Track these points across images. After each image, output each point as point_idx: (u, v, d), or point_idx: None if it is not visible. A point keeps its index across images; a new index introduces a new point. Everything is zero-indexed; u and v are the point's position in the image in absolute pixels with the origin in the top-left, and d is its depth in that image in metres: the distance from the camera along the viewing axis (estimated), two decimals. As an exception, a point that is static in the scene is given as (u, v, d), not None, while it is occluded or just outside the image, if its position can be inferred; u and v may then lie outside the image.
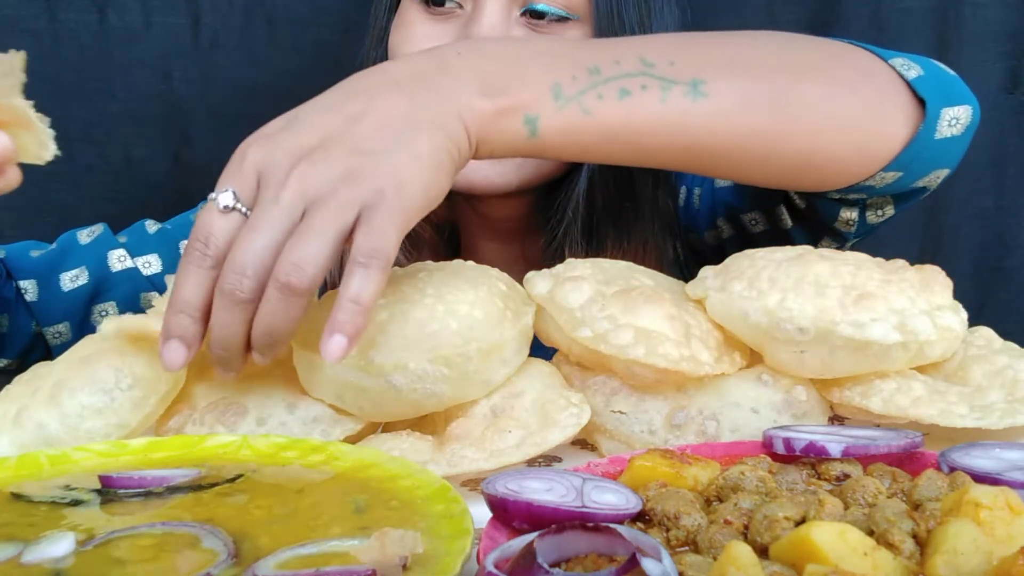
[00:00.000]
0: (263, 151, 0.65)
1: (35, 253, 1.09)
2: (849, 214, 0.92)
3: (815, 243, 0.97)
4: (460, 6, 1.02)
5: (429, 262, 0.79)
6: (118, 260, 1.10)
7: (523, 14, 1.00)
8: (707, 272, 0.76)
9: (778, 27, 1.46)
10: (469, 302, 0.69)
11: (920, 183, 0.86)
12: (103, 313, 1.09)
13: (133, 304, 1.10)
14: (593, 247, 1.06)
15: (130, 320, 0.70)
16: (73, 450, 0.65)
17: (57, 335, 1.07)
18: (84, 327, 1.07)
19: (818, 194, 0.89)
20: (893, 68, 0.82)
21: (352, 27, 1.41)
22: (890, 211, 0.92)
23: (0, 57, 0.62)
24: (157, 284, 1.11)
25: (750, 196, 1.04)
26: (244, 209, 0.64)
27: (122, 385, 0.69)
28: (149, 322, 0.69)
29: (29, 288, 1.06)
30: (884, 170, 0.82)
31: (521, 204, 1.11)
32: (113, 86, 1.40)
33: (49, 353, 1.07)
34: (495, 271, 0.76)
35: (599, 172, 1.05)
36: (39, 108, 0.65)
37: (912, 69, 0.82)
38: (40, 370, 0.74)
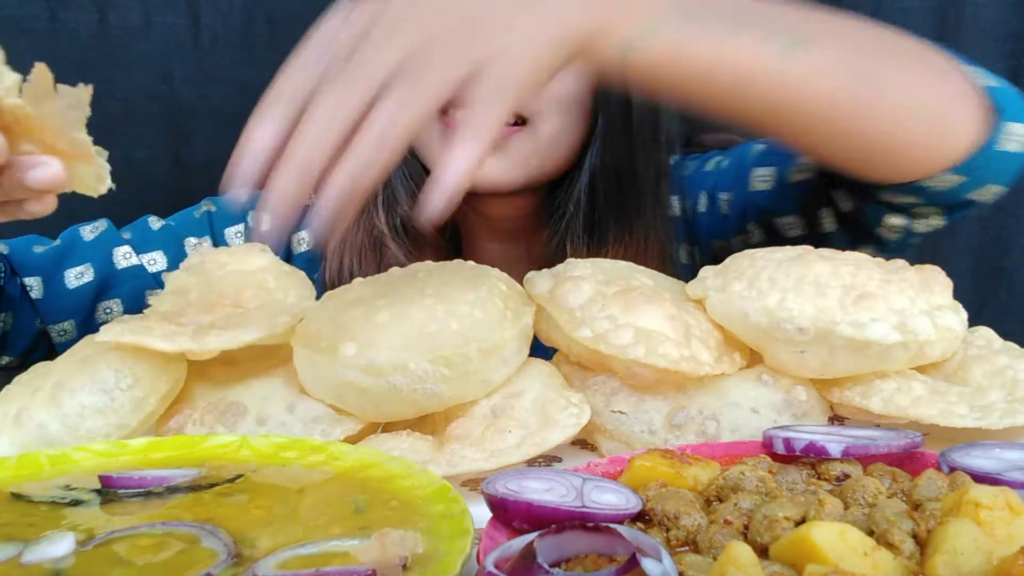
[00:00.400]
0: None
1: (38, 249, 1.08)
2: (896, 220, 0.90)
3: (853, 250, 0.96)
4: None
5: (429, 262, 0.79)
6: (123, 257, 1.09)
7: None
8: (707, 272, 0.76)
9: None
10: (469, 302, 0.69)
11: (974, 195, 0.84)
12: (108, 311, 1.08)
13: (138, 301, 1.08)
14: (595, 242, 1.05)
15: (128, 333, 0.69)
16: (73, 450, 0.65)
17: (62, 333, 1.07)
18: (89, 325, 1.06)
19: (868, 195, 0.88)
20: (968, 74, 0.82)
21: (352, 27, 1.41)
22: (937, 221, 0.91)
23: (68, 90, 0.62)
24: (162, 282, 1.10)
25: (791, 199, 1.02)
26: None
27: (122, 385, 0.69)
28: (144, 337, 0.69)
29: (34, 285, 1.04)
30: (950, 172, 0.81)
31: (523, 203, 1.11)
32: (113, 86, 1.40)
33: (53, 351, 1.06)
34: (495, 271, 0.76)
35: (601, 167, 1.04)
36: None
37: (986, 79, 0.82)
38: (40, 370, 0.74)
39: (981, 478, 0.53)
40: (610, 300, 0.72)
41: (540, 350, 0.75)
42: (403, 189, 1.08)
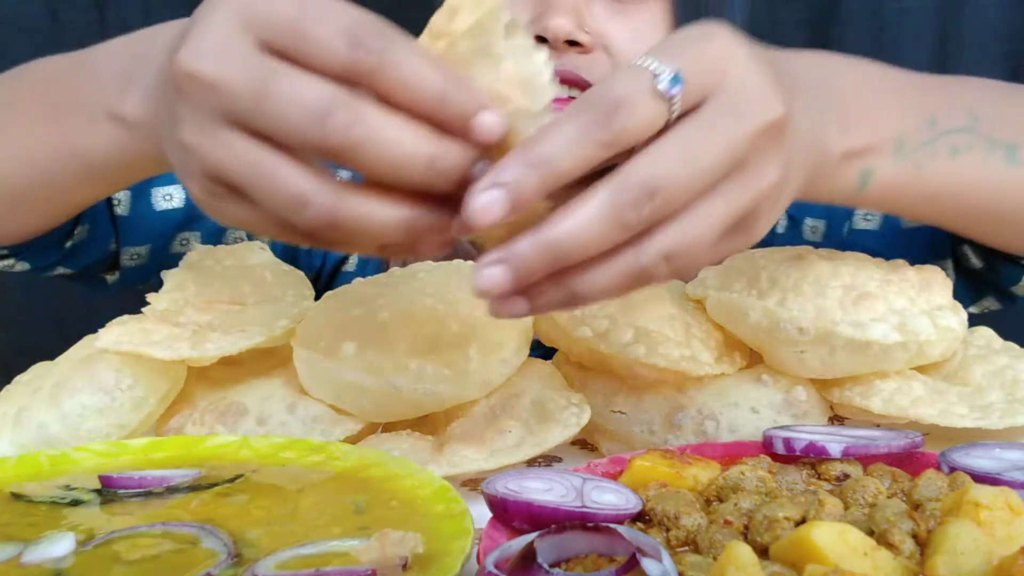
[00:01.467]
0: None
1: None
2: None
3: (975, 301, 0.94)
4: None
5: (429, 262, 0.79)
6: None
7: None
8: (707, 272, 0.76)
9: (778, 27, 1.47)
10: (469, 302, 0.69)
11: None
12: (184, 242, 0.99)
13: (218, 238, 1.00)
14: None
15: (127, 343, 0.69)
16: (73, 450, 0.65)
17: (135, 256, 0.98)
18: (164, 253, 0.99)
19: (1002, 255, 0.85)
20: None
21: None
22: None
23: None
24: None
25: (903, 245, 0.96)
26: (676, 110, 0.50)
27: (122, 385, 0.69)
28: (144, 346, 0.68)
29: (122, 199, 0.95)
30: None
31: None
32: (113, 86, 1.40)
33: (117, 267, 0.98)
34: (495, 271, 0.76)
35: None
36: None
37: None
38: (40, 370, 0.74)
39: (981, 478, 0.53)
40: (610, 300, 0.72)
41: (540, 350, 0.75)
42: None
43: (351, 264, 1.11)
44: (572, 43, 0.95)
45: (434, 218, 0.51)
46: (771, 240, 1.06)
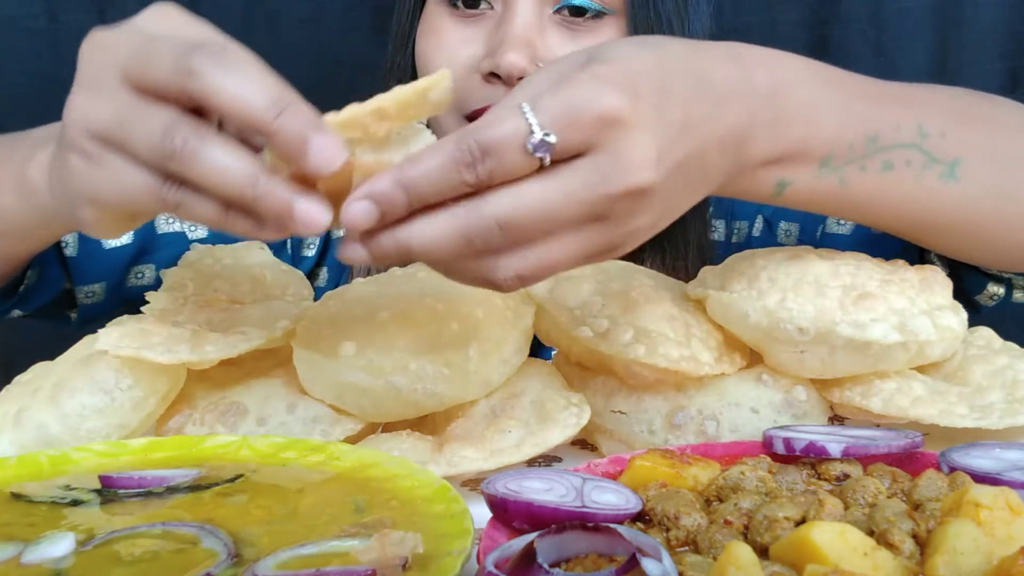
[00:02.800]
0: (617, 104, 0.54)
1: None
2: (996, 288, 0.88)
3: None
4: (491, 6, 0.98)
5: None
6: (165, 221, 1.02)
7: (557, 11, 0.96)
8: (707, 272, 0.76)
9: (778, 27, 1.47)
10: (469, 302, 0.69)
11: None
12: (139, 275, 1.02)
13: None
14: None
15: (126, 346, 0.69)
16: (73, 450, 0.65)
17: (90, 294, 0.99)
18: (119, 288, 1.00)
19: (969, 266, 0.85)
20: None
21: (352, 27, 1.41)
22: None
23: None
24: None
25: (873, 250, 0.95)
26: (547, 162, 0.53)
27: (122, 385, 0.69)
28: (143, 350, 0.68)
29: (70, 241, 0.96)
30: None
31: None
32: (113, 86, 1.40)
33: (73, 308, 1.00)
34: (495, 271, 0.76)
35: None
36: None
37: None
38: (40, 370, 0.74)
39: (981, 478, 0.53)
40: (610, 300, 0.72)
41: (540, 350, 0.75)
42: None
43: (322, 279, 1.13)
44: None
45: (277, 186, 0.54)
46: (748, 243, 1.07)
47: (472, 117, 0.98)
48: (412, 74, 1.04)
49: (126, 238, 1.00)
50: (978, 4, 1.44)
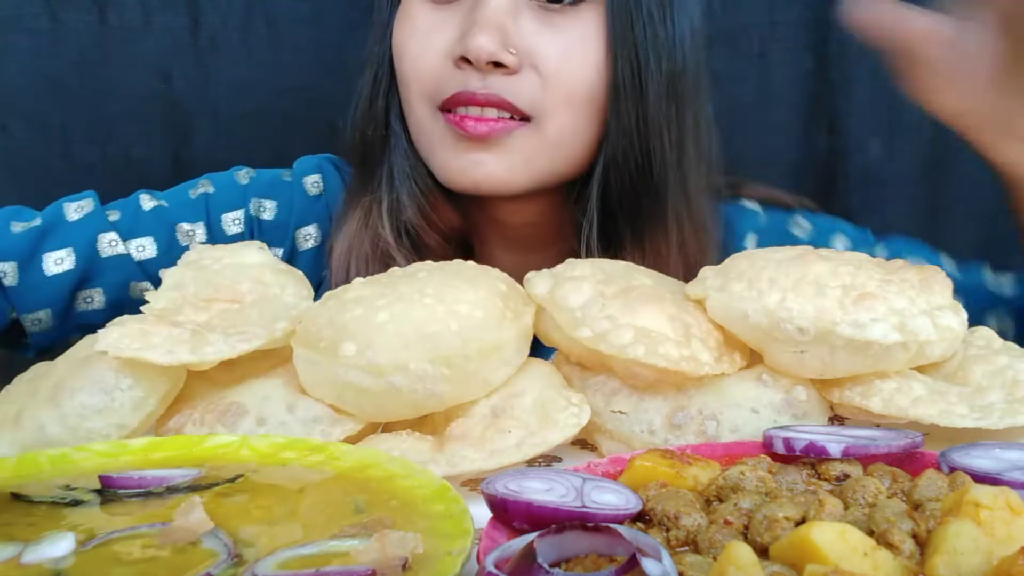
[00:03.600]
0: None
1: (16, 227, 1.00)
2: None
3: None
4: None
5: (429, 262, 0.79)
6: (108, 245, 1.01)
7: None
8: (707, 272, 0.76)
9: (778, 27, 1.47)
10: (469, 302, 0.69)
11: None
12: (87, 300, 1.01)
13: (122, 293, 1.02)
14: (612, 251, 1.00)
15: (126, 348, 0.69)
16: (73, 450, 0.65)
17: (36, 322, 1.00)
18: (67, 314, 1.01)
19: None
20: None
21: (352, 26, 1.41)
22: None
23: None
24: (149, 271, 1.02)
25: None
26: None
27: (122, 385, 0.69)
28: (144, 351, 0.68)
29: (8, 271, 0.97)
30: None
31: (537, 209, 1.06)
32: (113, 86, 1.40)
33: (24, 337, 1.01)
34: (495, 271, 0.76)
35: (615, 169, 0.99)
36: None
37: None
38: (40, 370, 0.74)
39: (981, 478, 0.54)
40: (610, 300, 0.72)
41: (540, 350, 0.75)
42: (408, 196, 1.03)
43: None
44: (497, 64, 0.94)
45: None
46: None
47: (445, 106, 0.97)
48: (388, 64, 1.03)
49: (68, 263, 1.00)
50: (978, 4, 1.44)
